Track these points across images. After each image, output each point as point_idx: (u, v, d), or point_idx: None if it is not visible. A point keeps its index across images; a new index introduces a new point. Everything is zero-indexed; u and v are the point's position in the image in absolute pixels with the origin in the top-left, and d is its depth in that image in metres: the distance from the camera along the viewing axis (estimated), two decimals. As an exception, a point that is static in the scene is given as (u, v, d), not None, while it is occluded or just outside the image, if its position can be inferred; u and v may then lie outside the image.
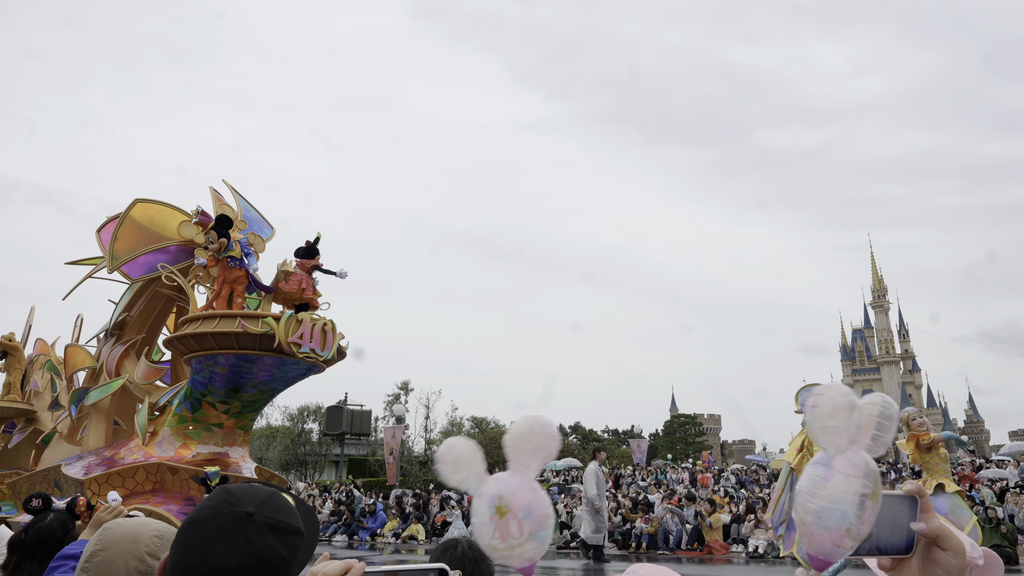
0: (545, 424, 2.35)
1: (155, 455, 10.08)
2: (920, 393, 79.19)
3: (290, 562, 1.30)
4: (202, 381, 9.92)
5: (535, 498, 2.26)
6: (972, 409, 79.89)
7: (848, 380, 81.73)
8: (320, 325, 9.55)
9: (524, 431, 2.32)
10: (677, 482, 29.71)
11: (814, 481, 1.35)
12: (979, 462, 34.33)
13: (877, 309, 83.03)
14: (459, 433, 68.16)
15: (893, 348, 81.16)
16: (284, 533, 1.31)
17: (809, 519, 1.34)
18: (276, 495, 1.37)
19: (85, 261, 12.92)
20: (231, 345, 9.34)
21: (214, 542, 1.24)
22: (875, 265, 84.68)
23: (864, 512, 1.24)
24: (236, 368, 9.58)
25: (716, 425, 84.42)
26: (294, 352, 9.30)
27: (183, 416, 10.27)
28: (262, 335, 9.22)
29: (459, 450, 2.25)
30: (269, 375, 9.80)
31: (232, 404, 10.13)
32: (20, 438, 15.45)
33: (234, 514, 1.28)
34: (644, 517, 19.85)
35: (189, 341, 9.54)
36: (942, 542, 1.15)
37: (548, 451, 2.33)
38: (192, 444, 10.22)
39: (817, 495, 1.33)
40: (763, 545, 17.17)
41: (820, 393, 1.44)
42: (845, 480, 1.30)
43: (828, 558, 1.36)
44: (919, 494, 1.20)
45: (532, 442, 2.28)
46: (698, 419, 78.41)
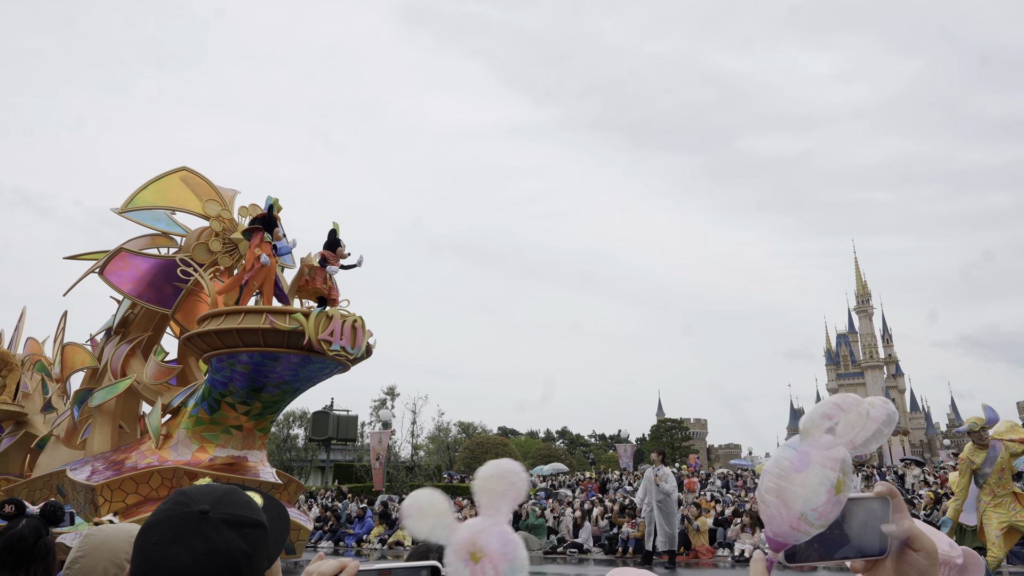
0: (512, 467, 2.40)
1: (170, 459, 9.56)
2: (903, 397, 79.84)
3: (252, 555, 1.29)
4: (222, 380, 9.40)
5: (508, 541, 2.31)
6: (954, 413, 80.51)
7: (833, 384, 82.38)
8: (350, 322, 9.03)
9: (492, 474, 2.38)
10: (663, 486, 29.82)
11: (781, 463, 1.41)
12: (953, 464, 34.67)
13: (861, 314, 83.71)
14: (445, 439, 67.64)
15: (877, 353, 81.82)
16: (243, 527, 1.29)
17: (770, 499, 1.41)
18: (234, 491, 1.36)
19: (85, 256, 12.43)
20: (257, 342, 8.81)
21: (169, 544, 1.24)
22: (859, 270, 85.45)
23: (826, 502, 1.29)
24: (260, 367, 9.06)
25: (702, 429, 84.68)
26: (324, 350, 8.80)
27: (200, 418, 9.73)
28: (291, 332, 8.70)
29: (423, 501, 2.29)
30: (293, 374, 9.28)
31: (253, 405, 9.60)
32: (10, 442, 14.81)
33: (188, 514, 1.27)
34: (631, 522, 19.90)
35: (212, 338, 9.00)
36: (914, 543, 1.15)
37: (517, 492, 2.38)
38: (210, 447, 9.70)
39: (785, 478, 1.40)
40: (749, 549, 17.21)
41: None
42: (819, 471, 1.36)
43: (785, 540, 1.43)
44: (891, 495, 1.19)
45: (501, 484, 2.34)
46: (685, 423, 78.60)
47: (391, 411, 46.35)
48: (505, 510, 2.35)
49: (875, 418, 1.47)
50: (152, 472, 9.31)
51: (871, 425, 1.45)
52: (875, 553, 1.18)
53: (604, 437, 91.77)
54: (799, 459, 1.36)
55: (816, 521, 1.27)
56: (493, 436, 71.74)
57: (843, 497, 1.24)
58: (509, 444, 68.54)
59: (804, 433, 1.42)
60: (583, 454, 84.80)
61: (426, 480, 40.09)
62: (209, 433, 9.72)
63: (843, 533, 1.21)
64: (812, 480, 1.29)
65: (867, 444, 1.41)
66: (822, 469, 1.28)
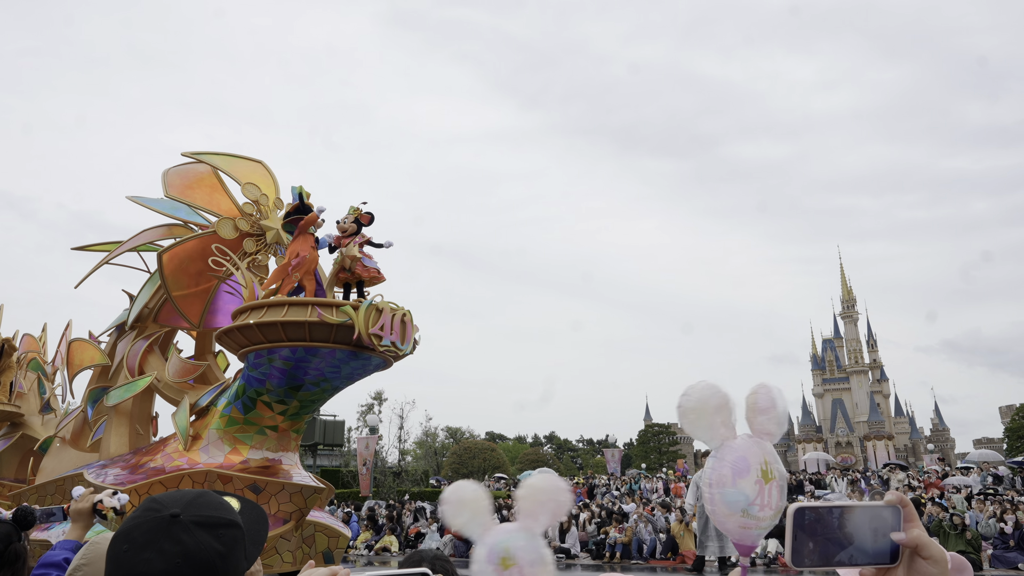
0: (561, 485, 2.45)
1: (201, 462, 8.91)
2: (888, 402, 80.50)
3: (227, 554, 1.30)
4: (258, 378, 8.77)
5: (541, 556, 2.35)
6: (938, 417, 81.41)
7: (819, 389, 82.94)
8: (399, 315, 8.46)
9: (540, 486, 2.43)
10: (651, 491, 29.89)
11: (712, 475, 1.48)
12: (944, 470, 35.01)
13: (846, 319, 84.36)
14: (432, 444, 67.35)
15: (862, 358, 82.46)
16: (216, 527, 1.30)
17: (713, 507, 1.47)
18: (205, 494, 1.39)
19: (95, 247, 11.89)
20: (302, 337, 8.20)
21: (140, 550, 1.25)
22: (844, 276, 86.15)
23: (759, 493, 1.34)
24: (302, 363, 8.47)
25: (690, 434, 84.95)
26: (375, 345, 8.18)
27: (233, 418, 9.08)
28: (339, 325, 8.11)
29: (465, 493, 2.32)
30: (335, 371, 8.66)
31: (290, 404, 8.98)
32: (5, 445, 14.01)
33: (159, 519, 1.28)
34: (618, 527, 19.91)
35: (253, 332, 8.33)
36: (923, 551, 1.16)
37: (558, 507, 2.43)
38: (243, 449, 9.07)
39: (715, 484, 1.45)
40: (736, 554, 17.29)
41: (686, 393, 1.58)
42: (747, 476, 1.41)
43: (746, 541, 1.48)
44: (901, 503, 1.20)
45: (545, 496, 2.38)
46: (672, 428, 78.73)
47: (378, 416, 46.21)
48: (543, 521, 2.41)
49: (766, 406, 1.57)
50: (182, 475, 8.70)
51: (771, 412, 1.55)
52: (886, 561, 1.19)
53: (592, 442, 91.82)
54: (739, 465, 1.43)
55: (759, 513, 1.34)
56: (481, 441, 71.56)
57: (775, 483, 1.28)
58: (497, 449, 68.39)
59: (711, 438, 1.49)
60: (571, 459, 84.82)
61: (413, 486, 40.14)
62: (243, 434, 9.12)
63: (850, 539, 1.21)
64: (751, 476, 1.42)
65: (779, 426, 1.56)
66: (756, 465, 1.44)
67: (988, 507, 18.10)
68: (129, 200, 10.86)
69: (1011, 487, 27.21)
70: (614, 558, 18.86)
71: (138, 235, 11.16)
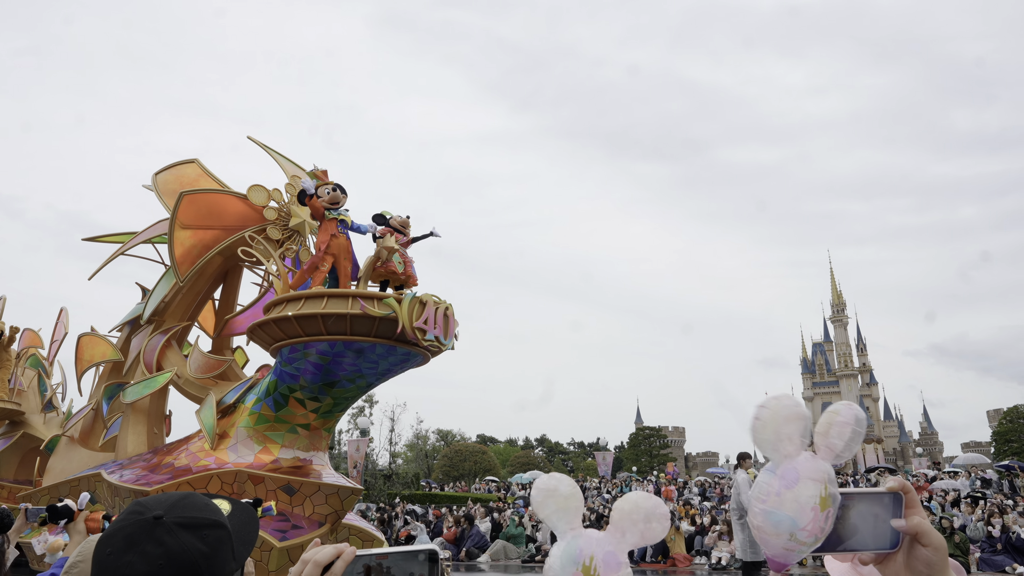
0: (660, 507, 2.48)
1: (230, 461, 8.51)
2: (877, 406, 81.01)
3: (212, 555, 1.30)
4: (292, 373, 8.38)
5: (622, 573, 2.40)
6: (927, 421, 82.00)
7: (808, 393, 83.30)
8: (443, 309, 8.09)
9: (640, 505, 2.45)
10: (642, 495, 29.85)
11: (762, 488, 1.51)
12: (932, 474, 35.28)
13: (836, 323, 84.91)
14: (423, 447, 67.23)
15: (852, 362, 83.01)
16: (199, 528, 1.31)
17: (758, 523, 1.52)
18: (190, 495, 1.40)
19: (106, 237, 11.46)
20: (343, 330, 7.79)
21: (123, 553, 1.26)
22: (834, 280, 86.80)
23: (811, 520, 1.33)
24: (339, 357, 8.09)
25: (680, 437, 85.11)
26: (419, 339, 7.81)
27: (263, 415, 8.67)
28: (382, 319, 7.73)
29: (561, 486, 2.33)
30: (373, 366, 8.29)
31: (323, 401, 8.61)
32: (5, 444, 13.50)
33: (142, 521, 1.29)
34: None
35: (290, 325, 7.93)
36: (922, 538, 1.18)
37: (652, 531, 2.44)
38: (274, 448, 8.66)
39: (767, 500, 1.49)
40: (726, 557, 17.52)
41: (764, 405, 1.56)
42: (809, 484, 1.45)
43: (783, 560, 1.54)
44: (904, 490, 1.22)
45: (640, 515, 2.42)
46: (663, 431, 78.95)
47: (369, 419, 46.26)
48: (630, 540, 2.47)
49: (845, 421, 1.56)
50: (211, 475, 8.33)
51: (845, 430, 1.54)
52: (886, 547, 1.21)
53: (583, 445, 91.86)
54: (787, 476, 1.43)
55: (806, 539, 1.36)
56: (472, 444, 71.45)
57: (829, 512, 1.29)
58: (488, 452, 68.33)
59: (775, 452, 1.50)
60: (562, 462, 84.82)
61: (404, 488, 40.04)
62: (273, 432, 8.70)
63: (851, 526, 1.24)
64: (803, 495, 1.36)
65: (848, 448, 1.50)
66: (811, 483, 1.37)
67: (977, 510, 18.28)
68: (145, 188, 10.40)
69: (999, 491, 27.51)
70: None
71: (153, 226, 10.79)
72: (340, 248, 8.25)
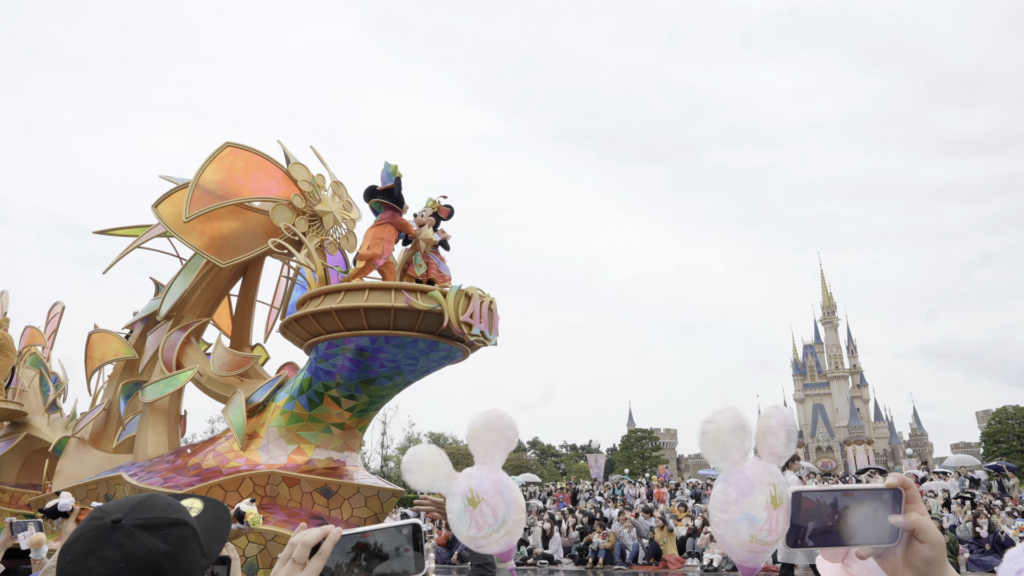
0: (502, 415, 2.63)
1: (262, 462, 8.14)
2: (868, 407, 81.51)
3: (175, 554, 1.30)
4: (328, 370, 8.01)
5: (502, 485, 2.55)
6: (916, 423, 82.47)
7: (800, 395, 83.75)
8: (487, 302, 7.78)
9: (483, 425, 2.61)
10: (634, 497, 30.05)
11: (718, 498, 1.56)
12: (922, 475, 35.58)
13: (827, 325, 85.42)
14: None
15: (842, 363, 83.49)
16: (160, 528, 1.30)
17: (720, 531, 1.62)
18: (152, 496, 1.39)
19: (118, 231, 11.00)
20: (385, 324, 7.43)
21: (83, 559, 1.26)
22: (825, 282, 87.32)
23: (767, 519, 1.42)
24: (379, 353, 7.72)
25: (673, 439, 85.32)
26: (465, 334, 7.48)
27: (296, 414, 8.31)
28: (426, 313, 7.40)
29: (422, 455, 2.43)
30: (413, 363, 7.94)
31: (359, 399, 8.24)
32: (8, 447, 13.02)
33: (100, 526, 1.29)
34: (601, 532, 20.01)
35: (329, 319, 7.53)
36: (920, 535, 1.20)
37: (509, 440, 2.61)
38: (308, 448, 8.31)
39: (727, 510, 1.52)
40: (718, 559, 17.60)
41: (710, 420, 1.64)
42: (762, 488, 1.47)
43: (751, 564, 1.64)
44: (903, 485, 1.24)
45: (492, 435, 2.57)
46: (655, 433, 79.08)
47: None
48: (499, 458, 2.62)
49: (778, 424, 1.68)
50: (242, 477, 7.97)
51: (780, 432, 1.66)
52: (885, 541, 1.23)
53: (575, 447, 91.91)
54: (741, 485, 1.52)
55: (766, 539, 1.46)
56: (464, 447, 71.13)
57: (783, 508, 1.37)
58: (481, 454, 68.28)
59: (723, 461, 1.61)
60: (554, 464, 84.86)
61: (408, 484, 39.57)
62: (307, 432, 8.35)
63: (851, 521, 1.25)
64: (758, 499, 1.45)
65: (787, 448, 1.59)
66: (762, 487, 1.47)
67: (968, 511, 18.45)
68: (162, 179, 9.91)
69: (988, 491, 27.75)
70: (597, 564, 18.97)
71: None
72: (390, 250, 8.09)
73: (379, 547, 1.29)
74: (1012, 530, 16.92)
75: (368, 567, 1.28)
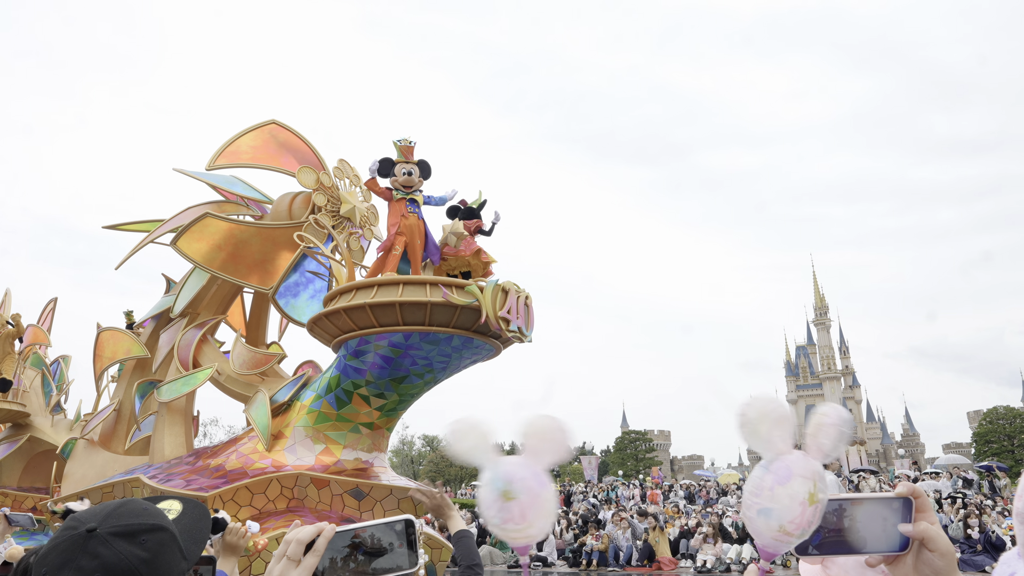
0: (562, 424, 2.60)
1: (289, 464, 7.86)
2: (860, 408, 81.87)
3: (153, 560, 1.28)
4: (358, 368, 7.73)
5: (542, 491, 2.50)
6: (908, 423, 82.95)
7: (792, 395, 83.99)
8: (523, 298, 7.53)
9: (544, 427, 2.57)
10: (628, 498, 30.02)
11: (756, 483, 1.59)
12: (913, 475, 35.73)
13: (819, 326, 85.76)
14: (409, 452, 66.75)
15: (835, 364, 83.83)
16: (136, 534, 1.29)
17: (750, 515, 1.62)
18: (128, 502, 1.37)
19: (128, 225, 10.70)
20: (421, 320, 7.14)
21: (58, 571, 1.24)
22: (817, 284, 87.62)
23: (800, 514, 1.43)
24: (412, 350, 7.45)
25: (666, 441, 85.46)
26: (503, 330, 7.21)
27: (324, 413, 8.04)
28: (463, 308, 7.12)
29: (469, 422, 2.45)
30: (445, 360, 7.67)
31: (389, 398, 7.97)
32: (11, 449, 12.64)
33: (75, 536, 1.27)
34: (595, 534, 19.94)
35: (362, 314, 7.22)
36: (929, 544, 1.21)
37: (562, 447, 2.59)
38: (336, 449, 8.02)
39: (760, 495, 1.56)
40: (711, 560, 17.61)
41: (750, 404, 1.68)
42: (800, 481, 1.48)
43: (772, 550, 1.64)
44: (914, 495, 1.24)
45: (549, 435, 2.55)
46: (648, 435, 79.19)
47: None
48: (546, 461, 2.58)
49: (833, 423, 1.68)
50: (270, 479, 7.68)
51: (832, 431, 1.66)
52: (895, 549, 1.24)
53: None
54: (780, 472, 1.53)
55: (793, 531, 1.46)
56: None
57: (818, 507, 1.35)
58: (475, 456, 68.17)
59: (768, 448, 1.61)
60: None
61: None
62: (335, 432, 8.07)
63: (861, 528, 1.26)
64: (795, 491, 1.46)
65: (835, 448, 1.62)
66: (802, 480, 1.47)
67: (960, 511, 18.52)
68: (176, 172, 9.72)
69: (979, 491, 27.90)
70: (591, 565, 18.93)
71: (182, 213, 10.04)
72: (411, 229, 7.58)
73: (373, 544, 1.30)
74: (1002, 529, 17.01)
75: (362, 563, 1.29)
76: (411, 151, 7.72)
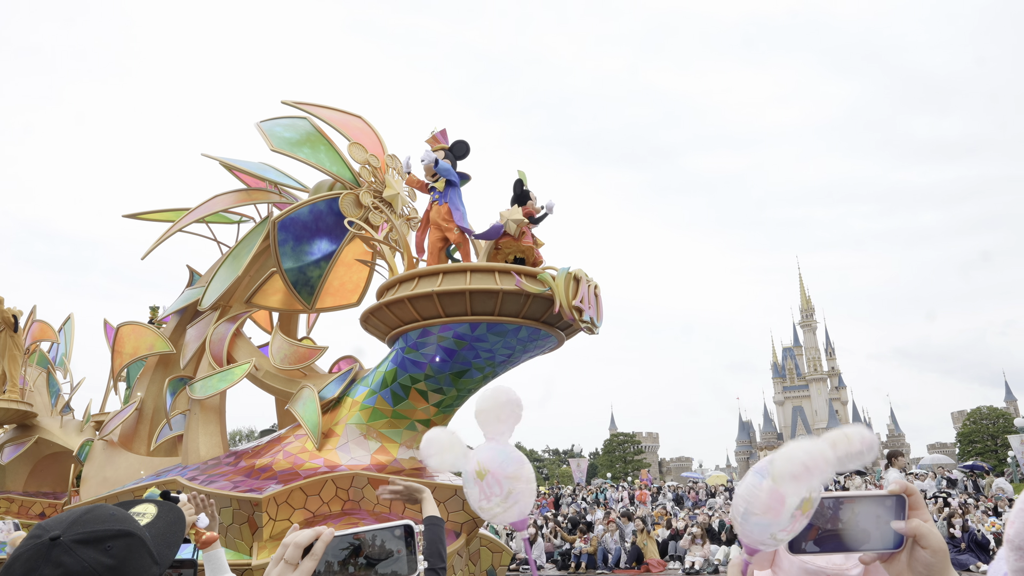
0: (507, 392, 2.67)
1: (343, 463, 7.44)
2: (846, 409, 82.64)
3: (119, 566, 1.27)
4: (417, 361, 7.33)
5: (507, 458, 2.59)
6: (894, 423, 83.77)
7: (779, 397, 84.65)
8: (593, 287, 7.16)
9: (491, 404, 2.64)
10: (617, 501, 29.98)
11: (750, 488, 1.56)
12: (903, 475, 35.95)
13: (805, 328, 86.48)
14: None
15: (821, 366, 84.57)
16: (102, 541, 1.27)
17: (739, 519, 1.57)
18: (95, 508, 1.36)
19: (148, 215, 10.33)
20: (490, 309, 6.75)
21: None
22: (803, 286, 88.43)
23: (792, 522, 1.40)
24: (477, 342, 7.05)
25: (654, 443, 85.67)
26: (576, 320, 6.87)
27: (378, 410, 7.64)
28: (535, 297, 6.76)
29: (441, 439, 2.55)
30: (509, 352, 7.27)
31: (448, 393, 7.57)
32: (18, 451, 12.12)
33: (38, 545, 1.26)
34: (583, 537, 19.95)
35: (427, 304, 6.84)
36: (921, 540, 1.21)
37: (516, 417, 2.67)
38: (392, 448, 7.63)
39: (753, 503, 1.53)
40: (700, 561, 17.64)
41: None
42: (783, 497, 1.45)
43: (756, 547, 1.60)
44: (907, 492, 1.25)
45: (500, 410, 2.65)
46: (637, 437, 79.39)
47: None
48: (506, 431, 2.51)
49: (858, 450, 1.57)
50: (324, 479, 7.24)
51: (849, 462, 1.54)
52: (889, 547, 1.24)
53: (558, 452, 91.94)
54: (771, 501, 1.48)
55: (784, 537, 1.42)
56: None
57: (811, 512, 1.34)
58: (465, 459, 67.95)
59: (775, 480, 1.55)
60: (537, 469, 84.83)
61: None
62: (391, 430, 7.68)
63: (855, 526, 1.26)
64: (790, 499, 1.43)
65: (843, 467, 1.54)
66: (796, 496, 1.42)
67: (945, 510, 18.69)
68: (204, 157, 9.31)
69: (963, 491, 28.18)
70: (580, 568, 18.92)
71: (208, 201, 9.66)
72: (437, 216, 7.34)
73: (372, 548, 1.30)
74: (985, 526, 17.16)
75: (361, 568, 1.29)
76: (443, 135, 7.71)
